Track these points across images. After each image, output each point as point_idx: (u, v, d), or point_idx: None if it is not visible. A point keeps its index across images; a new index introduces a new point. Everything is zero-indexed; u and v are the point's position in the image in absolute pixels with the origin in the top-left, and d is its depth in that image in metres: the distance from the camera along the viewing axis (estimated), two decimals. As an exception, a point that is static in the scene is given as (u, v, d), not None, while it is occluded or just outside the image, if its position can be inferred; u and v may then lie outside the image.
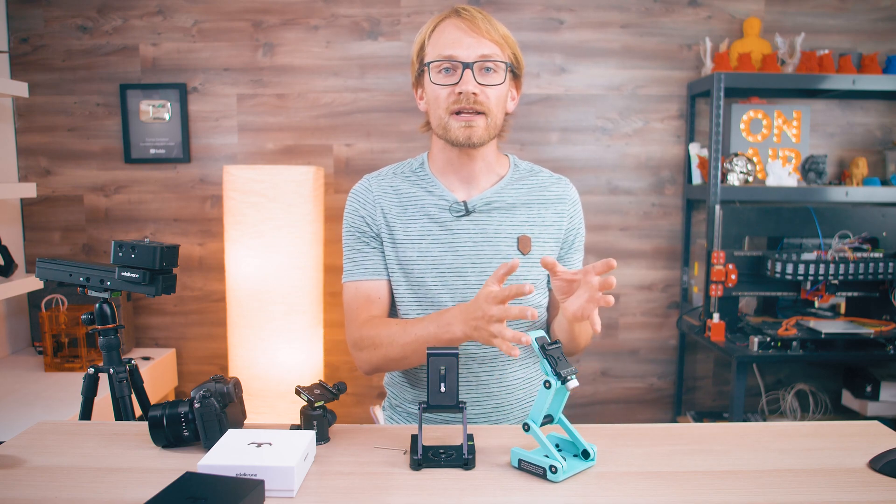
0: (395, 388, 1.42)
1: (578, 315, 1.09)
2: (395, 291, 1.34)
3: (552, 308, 1.40)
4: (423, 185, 1.34)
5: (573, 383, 0.95)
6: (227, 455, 0.93)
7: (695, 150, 2.59)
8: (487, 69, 1.24)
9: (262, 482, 0.87)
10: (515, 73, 1.31)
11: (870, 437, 1.11)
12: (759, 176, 2.56)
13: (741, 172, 2.44)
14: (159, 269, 1.28)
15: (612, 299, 1.04)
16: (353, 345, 1.32)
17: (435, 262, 1.29)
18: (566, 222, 1.36)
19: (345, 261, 1.37)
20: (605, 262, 1.04)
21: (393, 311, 1.38)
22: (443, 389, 1.00)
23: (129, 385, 1.40)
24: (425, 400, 1.02)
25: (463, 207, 1.31)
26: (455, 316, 1.14)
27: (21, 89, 2.18)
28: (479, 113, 1.24)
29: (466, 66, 1.22)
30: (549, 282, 1.37)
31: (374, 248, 1.34)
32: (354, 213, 1.36)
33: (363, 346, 1.28)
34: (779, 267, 2.25)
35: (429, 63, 1.27)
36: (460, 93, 1.23)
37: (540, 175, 1.39)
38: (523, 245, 1.31)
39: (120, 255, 1.28)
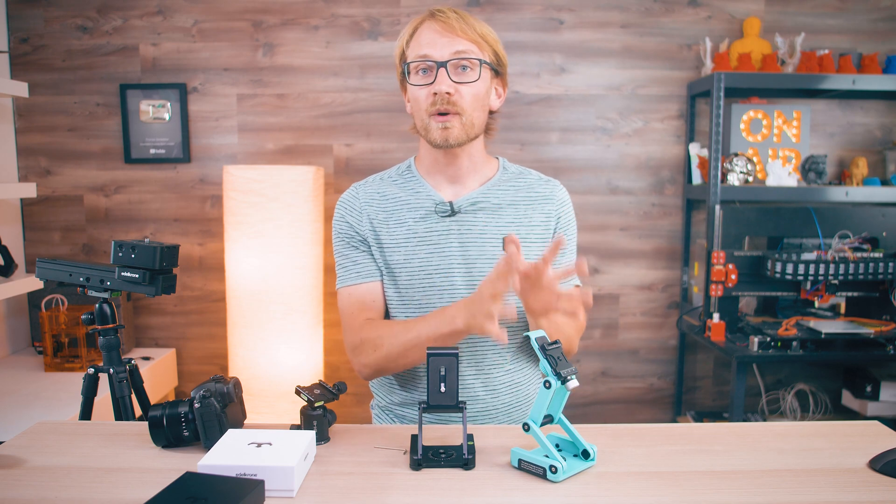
0: (381, 390, 1.42)
1: (537, 309, 1.09)
2: (385, 295, 1.34)
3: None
4: (410, 187, 1.35)
5: (573, 383, 0.95)
6: (227, 455, 0.93)
7: (695, 150, 2.59)
8: (463, 67, 1.25)
9: (262, 482, 0.87)
10: (497, 71, 1.31)
11: (870, 437, 1.11)
12: (759, 176, 2.56)
13: (741, 172, 2.43)
14: (159, 269, 1.27)
15: (590, 300, 1.02)
16: (352, 350, 1.31)
17: (422, 263, 1.30)
18: (553, 223, 1.35)
19: (337, 268, 1.38)
20: (554, 246, 1.02)
21: (386, 314, 1.38)
22: (443, 389, 1.00)
23: (129, 385, 1.40)
24: (423, 401, 1.02)
25: (448, 207, 1.31)
26: (459, 309, 1.15)
27: (21, 89, 2.18)
28: (455, 113, 1.25)
29: (440, 65, 1.23)
30: None
31: (364, 251, 1.34)
32: (341, 219, 1.36)
33: (363, 349, 1.28)
34: (779, 267, 2.25)
35: (407, 64, 1.28)
36: (436, 93, 1.23)
37: (529, 177, 1.39)
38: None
39: (120, 255, 1.28)
